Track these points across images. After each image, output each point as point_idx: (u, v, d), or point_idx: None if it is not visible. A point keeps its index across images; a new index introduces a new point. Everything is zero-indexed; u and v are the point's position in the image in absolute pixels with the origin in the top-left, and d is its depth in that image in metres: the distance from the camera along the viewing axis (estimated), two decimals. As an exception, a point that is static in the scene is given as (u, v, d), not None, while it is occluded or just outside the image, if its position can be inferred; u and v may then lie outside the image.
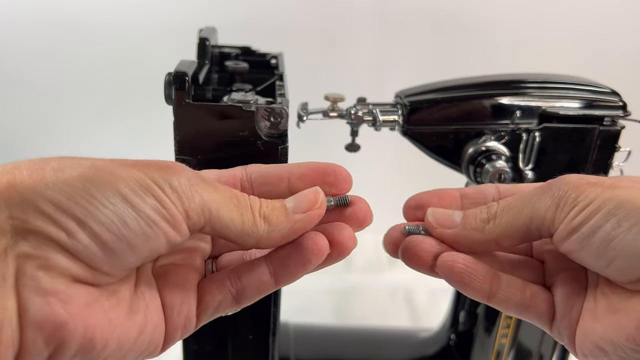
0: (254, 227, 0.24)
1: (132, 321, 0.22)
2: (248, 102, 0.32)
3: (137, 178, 0.21)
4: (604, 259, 0.24)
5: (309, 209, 0.25)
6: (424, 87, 0.45)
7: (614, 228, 0.23)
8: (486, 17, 0.85)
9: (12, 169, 0.20)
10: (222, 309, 0.26)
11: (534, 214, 0.26)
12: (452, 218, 0.28)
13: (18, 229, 0.19)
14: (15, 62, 0.82)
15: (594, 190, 0.24)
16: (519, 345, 0.52)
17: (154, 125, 0.73)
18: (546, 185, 0.27)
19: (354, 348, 0.61)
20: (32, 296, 0.19)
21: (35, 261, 0.19)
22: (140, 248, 0.21)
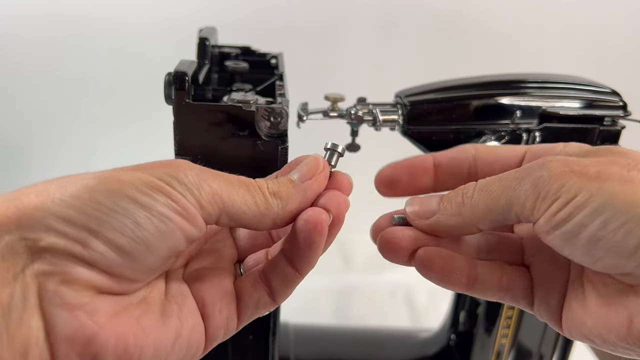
0: (267, 205, 0.24)
1: (167, 326, 0.22)
2: (248, 102, 0.32)
3: (143, 179, 0.21)
4: (590, 257, 0.23)
5: (314, 174, 0.26)
6: (424, 87, 0.45)
7: (600, 228, 0.22)
8: (486, 17, 0.85)
9: (19, 194, 0.21)
10: (261, 307, 0.26)
11: (512, 201, 0.24)
12: (429, 208, 0.27)
13: (32, 249, 0.19)
14: (14, 61, 0.82)
15: (577, 181, 0.22)
16: (519, 346, 0.52)
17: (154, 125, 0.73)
18: (527, 168, 0.25)
19: (354, 348, 0.61)
20: (58, 312, 0.19)
21: (56, 277, 0.19)
22: (158, 247, 0.21)
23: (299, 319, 0.63)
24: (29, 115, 0.86)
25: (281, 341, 0.58)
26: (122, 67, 0.83)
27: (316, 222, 0.25)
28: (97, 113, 0.87)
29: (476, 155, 0.29)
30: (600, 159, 0.24)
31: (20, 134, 0.87)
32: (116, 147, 0.88)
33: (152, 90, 0.47)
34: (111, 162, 0.83)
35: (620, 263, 0.22)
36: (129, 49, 0.82)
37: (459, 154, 0.29)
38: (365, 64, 0.87)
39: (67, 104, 0.86)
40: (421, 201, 0.28)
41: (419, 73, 0.72)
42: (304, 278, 0.27)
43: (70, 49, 0.82)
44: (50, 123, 0.87)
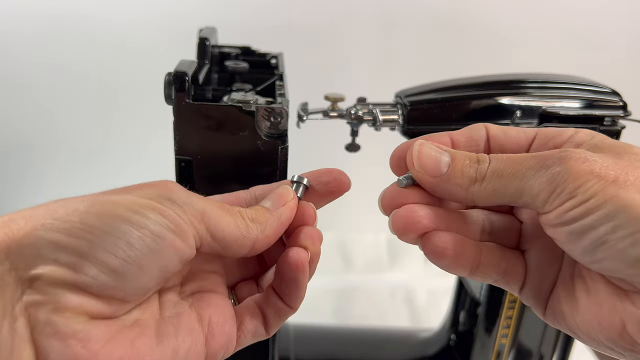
0: (248, 229, 0.25)
1: (163, 346, 0.22)
2: (248, 102, 0.32)
3: (133, 199, 0.21)
4: (590, 257, 0.23)
5: (285, 202, 0.27)
6: (424, 87, 0.45)
7: (608, 233, 0.22)
8: (486, 17, 0.85)
9: (7, 221, 0.20)
10: (257, 335, 0.27)
11: (525, 190, 0.24)
12: (438, 164, 0.26)
13: (22, 278, 0.19)
14: (14, 60, 0.82)
15: (595, 184, 0.22)
16: (519, 345, 0.52)
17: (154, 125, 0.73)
18: (544, 158, 0.24)
19: (354, 348, 0.61)
20: (50, 342, 0.18)
21: (47, 306, 0.19)
22: (150, 266, 0.21)
23: (299, 319, 0.63)
24: (29, 114, 0.86)
25: (281, 341, 0.58)
26: (121, 67, 0.83)
27: (297, 261, 0.26)
28: (97, 113, 0.87)
29: (488, 134, 0.29)
30: (620, 160, 0.24)
31: (21, 132, 0.87)
32: (116, 147, 0.88)
33: (152, 91, 0.47)
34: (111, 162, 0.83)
35: (620, 269, 0.23)
36: (128, 49, 0.82)
37: (474, 133, 0.29)
38: (365, 64, 0.87)
39: (67, 104, 0.86)
40: (429, 153, 0.27)
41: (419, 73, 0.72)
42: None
43: (71, 49, 0.82)
44: (50, 123, 0.87)
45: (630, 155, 0.24)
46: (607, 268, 0.23)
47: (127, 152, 0.88)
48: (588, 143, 0.26)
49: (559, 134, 0.27)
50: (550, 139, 0.27)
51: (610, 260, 0.23)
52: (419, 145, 0.27)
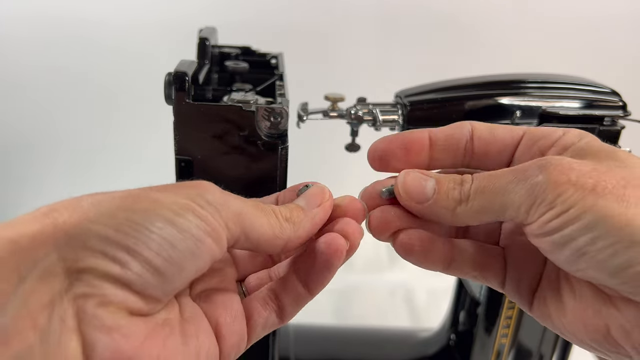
0: (281, 229, 0.25)
1: (188, 346, 0.22)
2: (248, 102, 0.32)
3: (175, 199, 0.21)
4: (572, 266, 0.23)
5: (320, 202, 0.27)
6: (424, 87, 0.45)
7: (588, 244, 0.22)
8: (486, 17, 0.85)
9: (50, 211, 0.20)
10: (269, 326, 0.27)
11: (507, 204, 0.24)
12: (424, 191, 0.27)
13: (70, 269, 0.19)
14: (13, 62, 0.82)
15: (574, 194, 0.22)
16: (519, 345, 0.52)
17: (154, 125, 0.73)
18: (524, 170, 0.25)
19: (354, 348, 0.61)
20: (97, 335, 0.19)
21: (95, 299, 0.19)
22: (188, 268, 0.21)
23: (299, 319, 0.63)
24: (29, 115, 0.86)
25: (281, 341, 0.58)
26: (122, 68, 0.83)
27: (337, 246, 0.26)
28: (97, 113, 0.87)
29: (473, 134, 0.28)
30: (599, 166, 0.24)
31: (21, 134, 0.87)
32: (116, 148, 0.88)
33: (152, 91, 0.47)
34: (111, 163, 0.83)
35: (602, 278, 0.23)
36: (128, 49, 0.82)
37: (456, 132, 0.29)
38: (365, 64, 0.87)
39: (67, 105, 0.86)
40: (415, 182, 0.27)
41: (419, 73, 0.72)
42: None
43: (70, 50, 0.82)
44: (50, 124, 0.87)
45: (611, 161, 0.24)
46: (589, 276, 0.23)
47: (127, 152, 0.88)
48: (575, 146, 0.26)
49: (546, 136, 0.27)
50: (537, 142, 0.27)
51: (592, 270, 0.23)
52: (404, 174, 0.27)
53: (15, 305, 0.17)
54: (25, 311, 0.18)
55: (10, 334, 0.17)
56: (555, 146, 0.27)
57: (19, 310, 0.17)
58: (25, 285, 0.18)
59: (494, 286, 0.30)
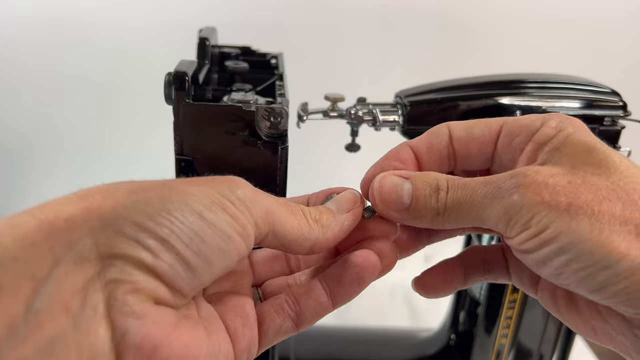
0: (310, 230, 0.25)
1: (212, 341, 0.22)
2: (248, 102, 0.32)
3: (208, 194, 0.21)
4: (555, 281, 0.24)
5: (351, 208, 0.27)
6: (424, 87, 0.45)
7: (564, 265, 0.22)
8: (486, 16, 0.85)
9: (85, 195, 0.20)
10: (282, 333, 0.26)
11: (484, 219, 0.25)
12: (400, 200, 0.27)
13: (103, 254, 0.19)
14: (14, 61, 0.82)
15: (547, 215, 0.22)
16: (519, 345, 0.52)
17: (154, 125, 0.74)
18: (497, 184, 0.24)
19: (354, 348, 0.61)
20: (128, 320, 0.18)
21: (126, 286, 0.19)
22: (216, 264, 0.21)
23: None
24: (30, 116, 0.86)
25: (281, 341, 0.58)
26: (121, 67, 0.83)
27: (373, 262, 0.26)
28: (97, 114, 0.87)
29: (451, 136, 0.28)
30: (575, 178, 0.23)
31: (22, 134, 0.87)
32: (116, 148, 0.88)
33: (152, 91, 0.47)
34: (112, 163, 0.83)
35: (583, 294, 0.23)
36: (128, 49, 0.82)
37: (434, 140, 0.28)
38: (365, 64, 0.87)
39: (67, 104, 0.86)
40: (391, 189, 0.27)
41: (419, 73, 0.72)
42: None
43: (72, 53, 0.82)
44: (51, 124, 0.87)
45: (588, 167, 0.23)
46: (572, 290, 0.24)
47: (127, 152, 0.88)
48: (552, 142, 0.25)
49: (524, 129, 0.27)
50: (514, 137, 0.27)
51: (573, 287, 0.23)
52: (378, 180, 0.27)
53: (49, 289, 0.17)
54: (59, 295, 0.17)
55: (44, 318, 0.17)
56: (533, 142, 0.26)
57: (53, 294, 0.17)
58: (59, 268, 0.18)
59: (502, 281, 0.31)
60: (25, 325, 0.17)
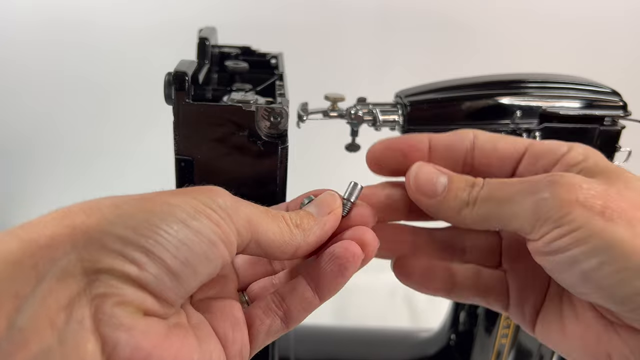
0: (292, 235, 0.25)
1: (203, 348, 0.22)
2: (248, 102, 0.32)
3: (190, 203, 0.21)
4: (577, 288, 0.23)
5: (331, 210, 0.27)
6: (424, 87, 0.45)
7: (594, 269, 0.21)
8: (486, 16, 0.85)
9: (67, 212, 0.20)
10: (272, 333, 0.26)
11: (512, 216, 0.24)
12: (434, 187, 0.27)
13: (88, 270, 0.19)
14: (14, 62, 0.82)
15: (581, 215, 0.22)
16: (519, 346, 0.52)
17: (154, 125, 0.73)
18: (533, 183, 0.24)
19: (354, 348, 0.61)
20: (117, 334, 0.19)
21: (113, 299, 0.19)
22: (201, 271, 0.21)
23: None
24: (32, 117, 0.86)
25: (281, 341, 0.58)
26: (122, 68, 0.83)
27: (354, 252, 0.26)
28: (97, 114, 0.87)
29: (475, 144, 0.28)
30: (610, 188, 0.23)
31: (23, 136, 0.87)
32: (116, 148, 0.88)
33: (152, 91, 0.47)
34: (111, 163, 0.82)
35: (607, 304, 0.22)
36: (128, 49, 0.82)
37: (457, 142, 0.28)
38: (365, 64, 0.87)
39: (67, 104, 0.86)
40: (427, 176, 0.27)
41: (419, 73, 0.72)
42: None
43: (72, 53, 0.82)
44: (52, 124, 0.87)
45: (621, 183, 0.23)
46: (593, 300, 0.23)
47: (127, 152, 0.88)
48: (581, 165, 0.25)
49: (550, 153, 0.27)
50: (540, 159, 0.27)
51: (596, 295, 0.22)
52: (417, 166, 0.27)
53: (33, 305, 0.17)
54: (43, 311, 0.18)
55: (28, 335, 0.17)
56: (560, 163, 0.26)
57: (36, 310, 0.17)
58: (43, 285, 0.18)
59: (496, 309, 0.30)
60: (9, 343, 0.17)
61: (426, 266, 0.30)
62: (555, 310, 0.27)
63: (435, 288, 0.30)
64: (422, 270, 0.30)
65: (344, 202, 0.28)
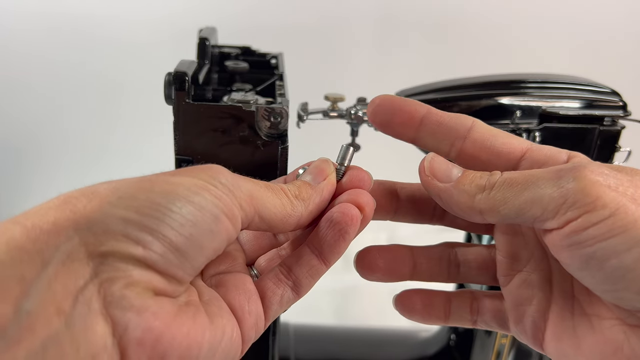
0: (293, 207, 0.25)
1: (215, 325, 0.22)
2: (248, 102, 0.32)
3: (192, 181, 0.22)
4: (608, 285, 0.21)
5: (326, 175, 0.27)
6: (424, 87, 0.45)
7: (637, 261, 0.19)
8: (486, 17, 0.85)
9: (67, 198, 0.20)
10: (285, 302, 0.26)
11: (535, 200, 0.22)
12: (449, 173, 0.26)
13: (93, 253, 0.19)
14: (14, 62, 0.82)
15: (614, 199, 0.20)
16: (519, 346, 0.52)
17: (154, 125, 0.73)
18: (556, 170, 0.23)
19: (354, 348, 0.61)
20: (127, 315, 0.19)
21: (121, 281, 0.19)
22: (207, 246, 0.21)
23: (299, 319, 0.63)
24: (33, 114, 0.86)
25: (281, 341, 0.58)
26: (121, 68, 0.83)
27: (352, 214, 0.25)
28: (97, 114, 0.87)
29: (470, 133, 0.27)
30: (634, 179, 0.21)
31: (25, 133, 0.87)
32: (116, 148, 0.88)
33: (152, 91, 0.47)
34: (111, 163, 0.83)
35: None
36: (128, 49, 0.82)
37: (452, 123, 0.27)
38: (365, 64, 0.87)
39: (69, 104, 0.86)
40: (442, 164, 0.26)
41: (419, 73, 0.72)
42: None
43: (72, 53, 0.82)
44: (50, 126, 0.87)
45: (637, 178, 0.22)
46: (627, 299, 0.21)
47: (127, 152, 0.88)
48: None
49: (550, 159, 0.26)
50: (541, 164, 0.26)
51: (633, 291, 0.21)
52: (432, 155, 0.27)
53: (39, 291, 0.17)
54: (49, 297, 0.17)
55: (35, 321, 0.17)
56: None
57: (43, 295, 0.17)
58: (48, 270, 0.18)
59: (499, 331, 0.30)
60: (16, 327, 0.17)
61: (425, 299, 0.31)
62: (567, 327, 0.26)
63: (438, 317, 0.31)
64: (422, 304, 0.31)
65: (338, 168, 0.28)
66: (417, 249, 0.31)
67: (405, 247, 0.31)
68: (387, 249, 0.31)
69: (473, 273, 0.31)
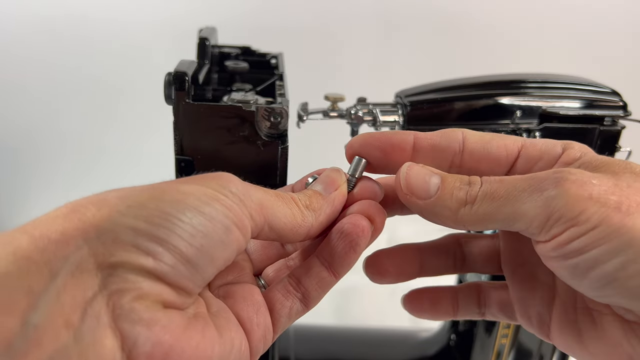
0: (303, 217, 0.25)
1: (224, 338, 0.22)
2: (248, 102, 0.32)
3: (201, 190, 0.21)
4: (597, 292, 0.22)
5: (338, 186, 0.26)
6: (424, 87, 0.45)
7: (618, 269, 0.20)
8: (486, 17, 0.85)
9: (76, 206, 0.20)
10: (294, 314, 0.26)
11: (518, 215, 0.22)
12: (426, 187, 0.25)
13: (102, 264, 0.18)
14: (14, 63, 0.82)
15: (597, 211, 0.20)
16: (519, 346, 0.52)
17: (154, 125, 0.73)
18: (538, 179, 0.22)
19: (354, 348, 0.61)
20: (137, 329, 0.18)
21: (130, 294, 0.18)
22: (218, 257, 0.21)
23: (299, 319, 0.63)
24: (32, 116, 0.86)
25: (281, 341, 0.58)
26: (121, 68, 0.83)
27: (362, 226, 0.25)
28: (97, 114, 0.87)
29: (464, 146, 0.26)
30: (620, 182, 0.21)
31: (22, 137, 0.87)
32: (116, 148, 0.88)
33: (152, 91, 0.47)
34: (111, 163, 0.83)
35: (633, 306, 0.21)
36: (128, 49, 0.82)
37: (443, 142, 0.26)
38: (365, 64, 0.87)
39: (69, 104, 0.86)
40: (418, 177, 0.25)
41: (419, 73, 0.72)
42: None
43: (73, 53, 0.82)
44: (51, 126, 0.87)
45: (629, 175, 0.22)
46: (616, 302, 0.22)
47: (128, 152, 0.88)
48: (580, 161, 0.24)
49: (545, 154, 0.26)
50: (537, 162, 0.26)
51: (620, 297, 0.21)
52: (407, 167, 0.26)
53: (47, 303, 0.17)
54: (58, 309, 0.17)
55: (43, 334, 0.16)
56: (559, 164, 0.25)
57: (51, 307, 0.17)
58: (57, 281, 0.17)
59: (507, 321, 0.30)
60: (23, 341, 0.16)
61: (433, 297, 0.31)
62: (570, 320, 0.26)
63: (447, 312, 0.31)
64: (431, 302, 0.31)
65: (349, 178, 0.28)
66: (423, 246, 0.31)
67: (412, 247, 0.31)
68: (395, 251, 0.31)
69: (479, 264, 0.31)
